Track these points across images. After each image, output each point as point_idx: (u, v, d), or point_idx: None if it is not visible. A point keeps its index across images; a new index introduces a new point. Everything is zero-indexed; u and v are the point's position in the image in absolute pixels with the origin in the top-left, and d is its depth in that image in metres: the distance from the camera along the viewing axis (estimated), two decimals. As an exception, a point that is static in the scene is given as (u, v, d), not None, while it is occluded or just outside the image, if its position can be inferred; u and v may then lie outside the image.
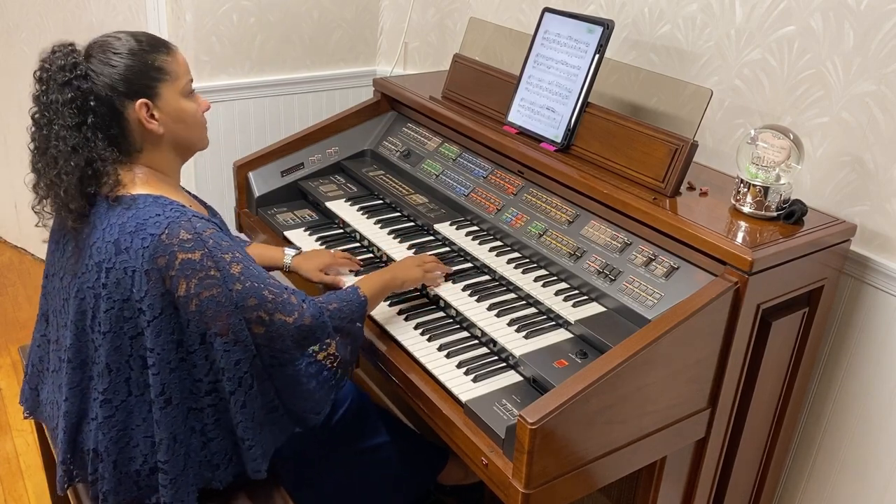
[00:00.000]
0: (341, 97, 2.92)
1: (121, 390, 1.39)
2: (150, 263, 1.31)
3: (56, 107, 1.35)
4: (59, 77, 1.35)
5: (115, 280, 1.34)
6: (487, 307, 1.66)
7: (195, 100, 1.49)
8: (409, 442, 1.91)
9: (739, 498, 1.80)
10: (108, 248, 1.35)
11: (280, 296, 1.40)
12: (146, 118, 1.40)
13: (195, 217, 1.37)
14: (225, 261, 1.35)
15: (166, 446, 1.38)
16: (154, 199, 1.38)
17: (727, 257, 1.43)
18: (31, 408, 1.65)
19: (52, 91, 1.35)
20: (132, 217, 1.35)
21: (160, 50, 1.42)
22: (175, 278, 1.32)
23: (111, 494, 1.43)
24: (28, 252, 3.53)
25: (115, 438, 1.40)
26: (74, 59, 1.36)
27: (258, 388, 1.41)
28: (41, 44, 2.93)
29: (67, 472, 1.49)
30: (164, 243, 1.31)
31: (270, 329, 1.38)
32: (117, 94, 1.37)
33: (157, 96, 1.41)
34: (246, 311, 1.36)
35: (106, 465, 1.41)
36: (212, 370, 1.38)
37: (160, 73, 1.41)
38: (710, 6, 1.87)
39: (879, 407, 1.73)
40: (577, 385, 1.27)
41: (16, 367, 2.78)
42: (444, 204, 2.03)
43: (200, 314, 1.33)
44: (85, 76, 1.36)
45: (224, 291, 1.34)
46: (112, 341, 1.36)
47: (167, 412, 1.37)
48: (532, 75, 1.94)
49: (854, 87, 1.64)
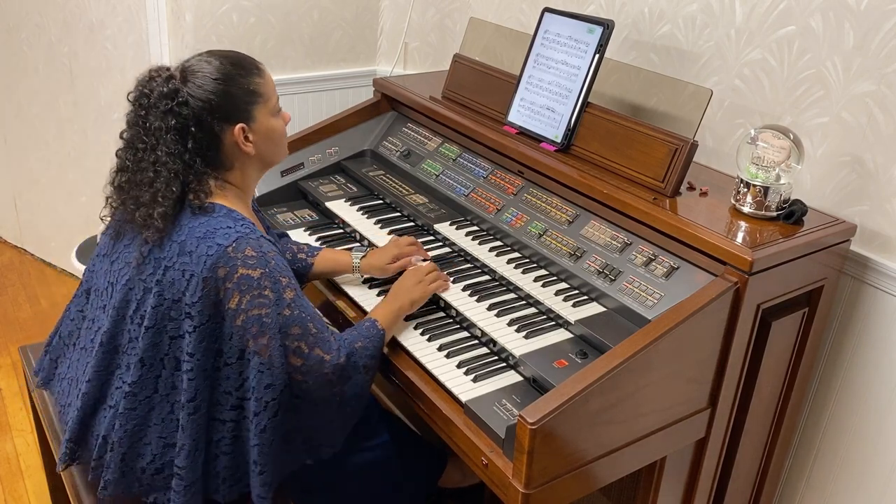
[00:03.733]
0: (341, 97, 2.92)
1: (148, 386, 1.41)
2: (210, 271, 1.34)
3: (159, 134, 1.39)
4: (161, 104, 1.39)
5: (170, 279, 1.37)
6: (487, 307, 1.66)
7: (281, 116, 1.53)
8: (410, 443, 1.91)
9: (739, 498, 1.80)
10: (173, 247, 1.38)
11: (322, 332, 1.43)
12: (242, 141, 1.45)
13: (263, 238, 1.41)
14: (281, 284, 1.38)
15: (188, 452, 1.39)
16: (228, 212, 1.42)
17: (727, 257, 1.43)
18: (45, 379, 1.66)
19: (154, 118, 1.39)
20: (203, 223, 1.39)
21: (252, 72, 1.47)
22: (230, 291, 1.35)
23: (112, 485, 1.44)
24: (28, 252, 3.52)
25: (130, 431, 1.41)
26: (175, 86, 1.40)
27: (282, 417, 1.41)
28: (41, 44, 2.96)
29: (71, 451, 1.51)
30: (228, 255, 1.35)
31: (307, 363, 1.40)
32: (216, 119, 1.42)
33: (252, 119, 1.46)
34: (287, 338, 1.38)
35: (114, 455, 1.42)
36: (242, 387, 1.40)
37: (254, 96, 1.46)
38: (710, 6, 1.87)
39: (879, 407, 1.73)
40: (577, 385, 1.27)
41: (16, 367, 2.78)
42: (444, 204, 2.03)
43: (245, 330, 1.36)
44: (185, 102, 1.40)
45: (272, 313, 1.36)
46: (152, 337, 1.38)
47: (194, 419, 1.38)
48: (532, 75, 1.94)
49: (854, 87, 1.64)
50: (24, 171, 3.31)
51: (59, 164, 3.16)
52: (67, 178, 3.16)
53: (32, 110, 3.13)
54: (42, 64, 3.00)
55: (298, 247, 1.84)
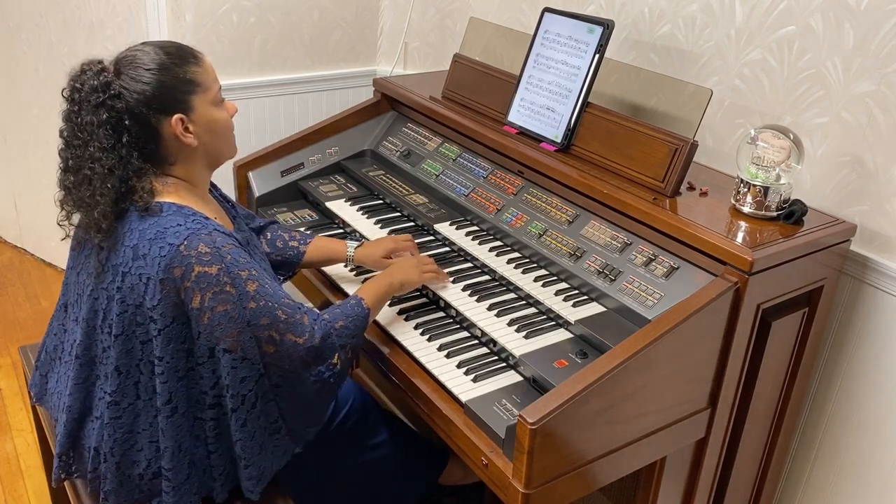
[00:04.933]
0: (341, 97, 2.92)
1: (129, 393, 1.39)
2: (165, 272, 1.31)
3: (91, 128, 1.34)
4: (92, 98, 1.34)
5: (129, 285, 1.34)
6: (487, 307, 1.66)
7: (224, 107, 1.49)
8: (410, 442, 1.91)
9: (739, 498, 1.80)
10: (127, 252, 1.35)
11: (293, 316, 1.40)
12: (182, 133, 1.40)
13: (216, 231, 1.36)
14: (241, 277, 1.35)
15: (171, 454, 1.38)
16: (178, 209, 1.38)
17: (727, 257, 1.43)
18: (39, 394, 1.65)
19: (86, 112, 1.34)
20: (153, 224, 1.35)
21: (189, 61, 1.42)
22: (190, 290, 1.32)
23: (112, 495, 1.43)
24: (28, 252, 3.52)
25: (119, 440, 1.40)
26: (106, 79, 1.35)
27: (261, 408, 1.40)
28: (41, 44, 2.96)
29: (64, 465, 1.50)
30: (181, 254, 1.31)
31: (280, 349, 1.38)
32: (152, 110, 1.37)
33: (191, 109, 1.41)
34: (257, 330, 1.36)
35: (109, 465, 1.41)
36: (217, 385, 1.38)
37: (192, 86, 1.41)
38: (710, 6, 1.87)
39: (879, 407, 1.73)
40: (577, 385, 1.27)
41: (16, 367, 2.78)
42: (444, 204, 2.03)
43: (211, 328, 1.33)
44: (118, 95, 1.35)
45: (237, 308, 1.34)
46: (123, 344, 1.36)
47: (173, 421, 1.37)
48: (532, 75, 1.94)
49: (854, 87, 1.64)
50: (24, 171, 3.31)
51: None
52: (67, 178, 3.16)
53: (32, 110, 3.13)
54: (42, 64, 3.00)
55: (290, 234, 1.82)
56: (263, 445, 1.43)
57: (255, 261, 1.45)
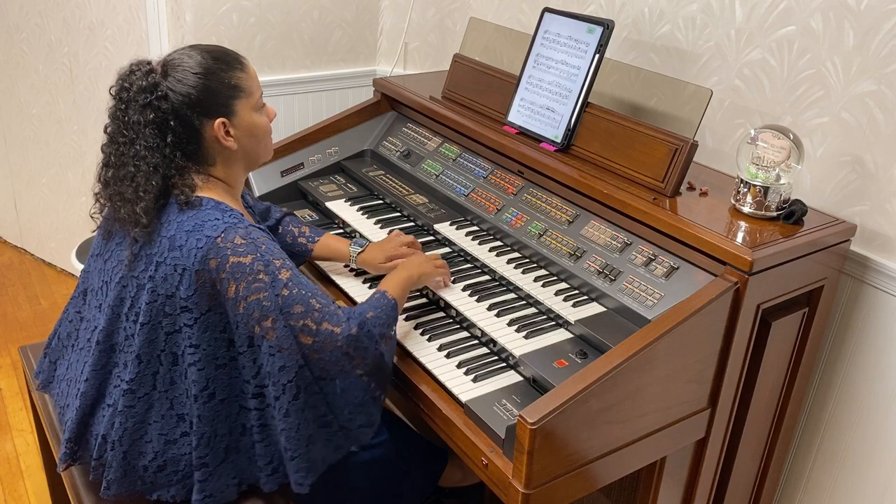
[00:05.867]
0: (341, 97, 2.92)
1: (146, 383, 1.41)
2: (201, 264, 1.34)
3: (138, 128, 1.39)
4: (140, 98, 1.39)
5: (163, 275, 1.37)
6: (487, 307, 1.66)
7: (265, 111, 1.53)
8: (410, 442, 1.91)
9: (739, 498, 1.80)
10: (163, 242, 1.38)
11: (327, 307, 1.42)
12: (223, 136, 1.45)
13: (252, 227, 1.41)
14: (275, 266, 1.38)
15: (207, 440, 1.40)
16: (216, 204, 1.42)
17: (727, 257, 1.43)
18: (45, 381, 1.66)
19: (133, 111, 1.39)
20: (192, 217, 1.39)
21: (235, 67, 1.46)
22: (225, 280, 1.35)
23: (115, 484, 1.44)
24: (28, 252, 3.53)
25: (130, 430, 1.42)
26: (154, 80, 1.40)
27: (305, 399, 1.41)
28: (41, 44, 2.96)
29: (71, 451, 1.51)
30: (218, 246, 1.35)
31: (318, 339, 1.40)
32: (196, 113, 1.42)
33: (234, 114, 1.45)
34: (291, 318, 1.37)
35: (115, 454, 1.43)
36: (259, 374, 1.40)
37: (236, 91, 1.45)
38: (710, 6, 1.87)
39: (879, 407, 1.73)
40: (577, 385, 1.27)
41: (16, 366, 2.78)
42: (444, 204, 2.03)
43: (247, 317, 1.36)
44: (165, 97, 1.40)
45: (270, 296, 1.36)
46: (148, 333, 1.39)
47: (210, 406, 1.39)
48: (532, 75, 1.94)
49: (854, 87, 1.64)
50: (24, 171, 3.31)
51: (59, 164, 3.16)
52: (67, 178, 3.16)
53: (32, 110, 3.13)
54: (42, 64, 3.00)
55: (300, 230, 1.86)
56: (312, 438, 1.44)
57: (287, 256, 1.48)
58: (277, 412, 1.40)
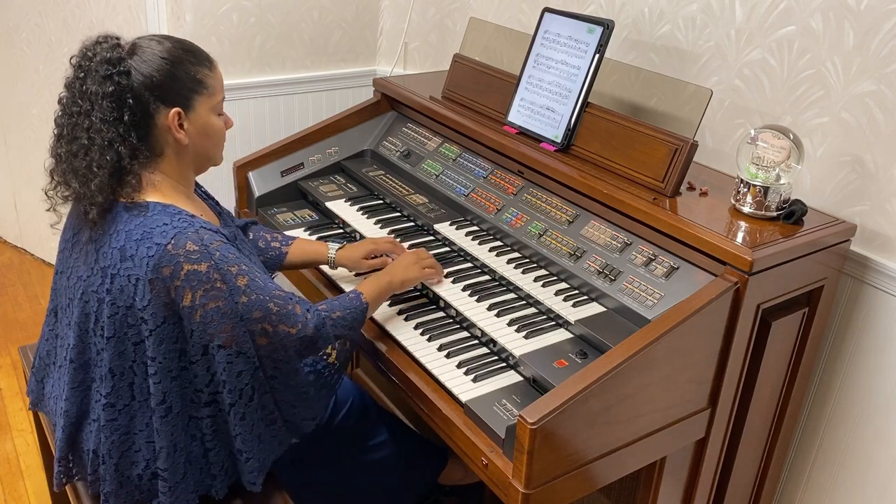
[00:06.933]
0: (341, 97, 2.92)
1: (124, 395, 1.39)
2: (154, 273, 1.31)
3: (94, 98, 1.34)
4: (101, 69, 1.34)
5: (119, 287, 1.34)
6: (487, 307, 1.66)
7: (223, 118, 1.50)
8: (410, 441, 1.91)
9: (739, 498, 1.80)
10: (114, 254, 1.35)
11: (284, 307, 1.40)
12: (175, 127, 1.40)
13: (203, 228, 1.36)
14: (231, 273, 1.34)
15: (166, 454, 1.39)
16: (164, 208, 1.37)
17: (727, 257, 1.43)
18: (36, 399, 1.65)
19: (92, 81, 1.34)
20: (139, 225, 1.34)
21: (203, 63, 1.43)
22: (180, 289, 1.31)
23: (112, 496, 1.43)
24: (28, 252, 3.52)
25: (117, 442, 1.40)
26: (119, 54, 1.36)
27: (258, 400, 1.41)
28: (41, 44, 2.95)
29: (65, 469, 1.50)
30: (169, 253, 1.31)
31: (274, 340, 1.39)
32: (154, 97, 1.37)
33: (191, 108, 1.42)
34: (250, 323, 1.36)
35: (107, 467, 1.41)
36: (212, 381, 1.38)
37: (199, 86, 1.42)
38: (710, 6, 1.87)
39: (879, 407, 1.73)
40: (577, 385, 1.27)
41: (16, 366, 2.78)
42: (444, 204, 2.03)
43: (204, 325, 1.33)
44: (127, 72, 1.35)
45: (229, 303, 1.33)
46: (116, 346, 1.36)
47: (167, 420, 1.37)
48: (532, 75, 1.94)
49: (854, 87, 1.64)
50: (24, 171, 3.31)
51: (59, 164, 3.16)
52: (67, 178, 3.16)
53: (32, 110, 3.13)
54: (42, 64, 3.00)
55: (272, 235, 1.82)
56: (261, 437, 1.44)
57: (244, 255, 1.45)
58: (233, 417, 1.39)
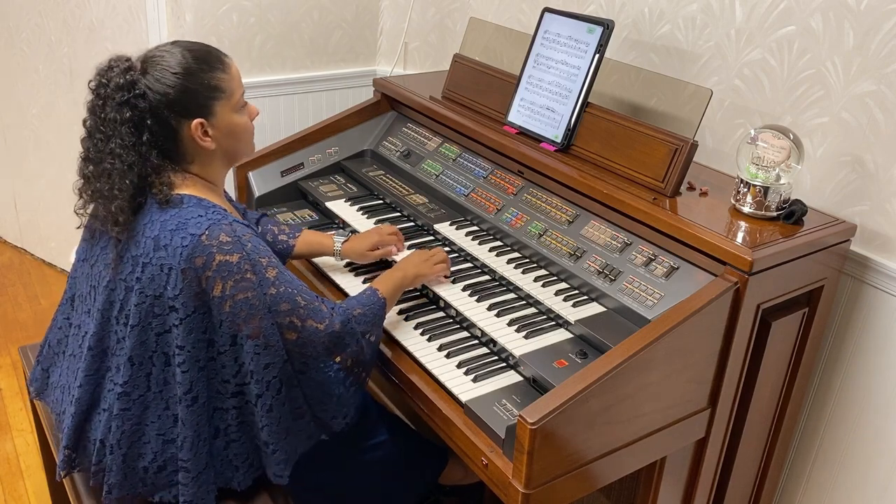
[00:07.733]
0: (341, 97, 2.92)
1: (140, 385, 1.41)
2: (187, 262, 1.34)
3: (114, 125, 1.37)
4: (117, 96, 1.36)
5: (149, 275, 1.36)
6: (487, 307, 1.66)
7: (247, 111, 1.51)
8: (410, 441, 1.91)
9: (739, 498, 1.80)
10: (147, 243, 1.37)
11: (312, 303, 1.43)
12: (200, 137, 1.43)
13: (236, 222, 1.40)
14: (261, 265, 1.38)
15: (190, 444, 1.40)
16: (198, 201, 1.41)
17: (727, 257, 1.43)
18: (39, 389, 1.66)
19: (111, 109, 1.37)
20: (174, 215, 1.38)
21: (216, 67, 1.44)
22: (211, 279, 1.34)
23: (116, 487, 1.44)
24: (28, 252, 3.52)
25: (127, 432, 1.42)
26: (132, 77, 1.38)
27: (286, 393, 1.42)
28: (41, 44, 2.96)
29: (69, 458, 1.51)
30: (203, 244, 1.34)
31: (302, 335, 1.41)
32: (174, 113, 1.40)
33: (212, 114, 1.44)
34: (278, 316, 1.38)
35: (115, 457, 1.42)
36: (240, 372, 1.40)
37: (215, 92, 1.43)
38: (710, 6, 1.87)
39: (879, 407, 1.73)
40: (577, 385, 1.27)
41: (16, 366, 2.78)
42: (444, 204, 2.03)
43: (234, 315, 1.36)
44: (142, 95, 1.38)
45: (258, 294, 1.36)
46: (138, 335, 1.38)
47: (193, 410, 1.39)
48: (532, 75, 1.94)
49: (854, 87, 1.64)
50: (24, 171, 3.31)
51: (59, 164, 3.16)
52: (67, 178, 3.14)
53: (32, 110, 3.13)
54: (42, 64, 3.00)
55: (279, 228, 1.85)
56: (289, 430, 1.45)
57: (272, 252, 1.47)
58: (260, 409, 1.40)
